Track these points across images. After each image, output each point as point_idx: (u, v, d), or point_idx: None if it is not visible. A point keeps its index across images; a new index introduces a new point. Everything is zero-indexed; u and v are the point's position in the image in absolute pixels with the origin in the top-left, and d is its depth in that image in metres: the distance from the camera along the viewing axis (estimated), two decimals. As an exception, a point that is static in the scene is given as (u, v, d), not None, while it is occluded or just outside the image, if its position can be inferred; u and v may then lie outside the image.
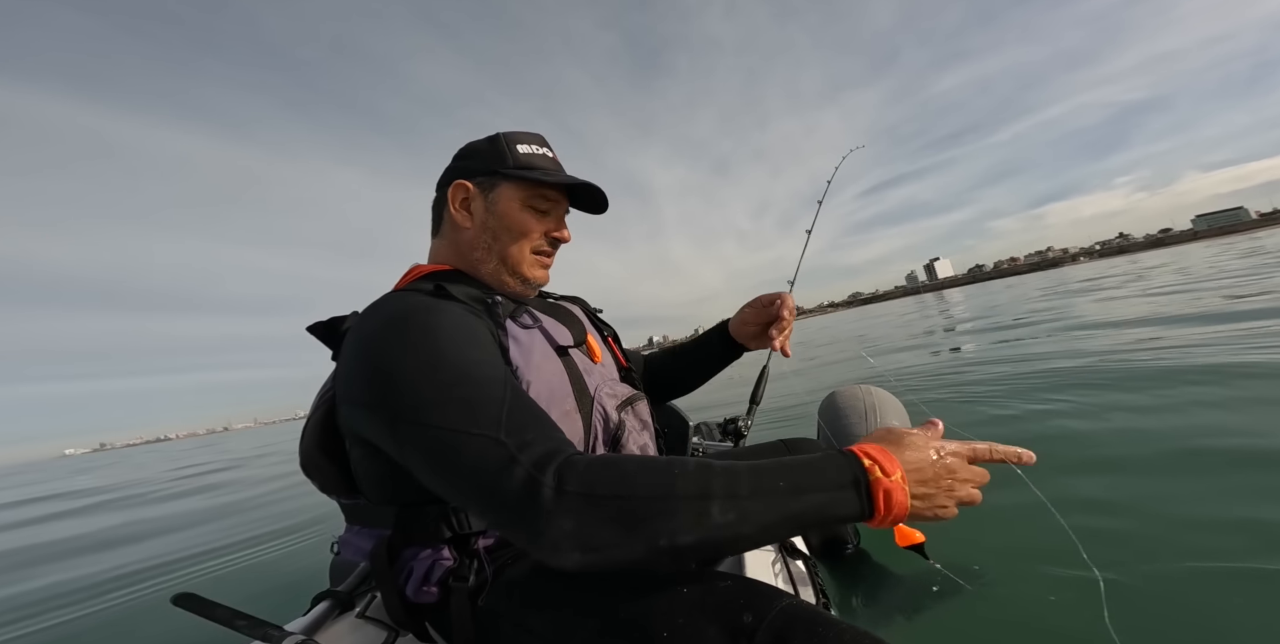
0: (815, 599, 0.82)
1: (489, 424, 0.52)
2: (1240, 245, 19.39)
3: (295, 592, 1.97)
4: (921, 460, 0.52)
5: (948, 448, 0.54)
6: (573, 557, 0.46)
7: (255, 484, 5.71)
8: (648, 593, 0.55)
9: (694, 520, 0.46)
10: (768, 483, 0.49)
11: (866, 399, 1.44)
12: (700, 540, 0.46)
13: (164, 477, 8.80)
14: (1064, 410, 2.41)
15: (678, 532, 0.46)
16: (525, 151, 0.81)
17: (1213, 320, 3.99)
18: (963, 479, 0.53)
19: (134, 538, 3.63)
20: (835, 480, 0.50)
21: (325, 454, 0.72)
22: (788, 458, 0.52)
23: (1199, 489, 1.45)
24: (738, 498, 0.48)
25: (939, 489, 0.52)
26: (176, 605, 0.69)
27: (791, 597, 0.51)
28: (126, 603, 2.20)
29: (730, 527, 0.47)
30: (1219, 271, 8.58)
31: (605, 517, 0.46)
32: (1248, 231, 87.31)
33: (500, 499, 0.49)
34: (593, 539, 0.46)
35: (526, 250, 0.81)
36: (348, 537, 0.77)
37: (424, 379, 0.55)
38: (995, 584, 1.18)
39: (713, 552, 0.49)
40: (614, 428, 0.75)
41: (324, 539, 2.57)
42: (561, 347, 0.75)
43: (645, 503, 0.47)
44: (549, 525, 0.46)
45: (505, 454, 0.50)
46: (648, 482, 0.48)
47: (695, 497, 0.47)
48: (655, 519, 0.46)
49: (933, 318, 11.96)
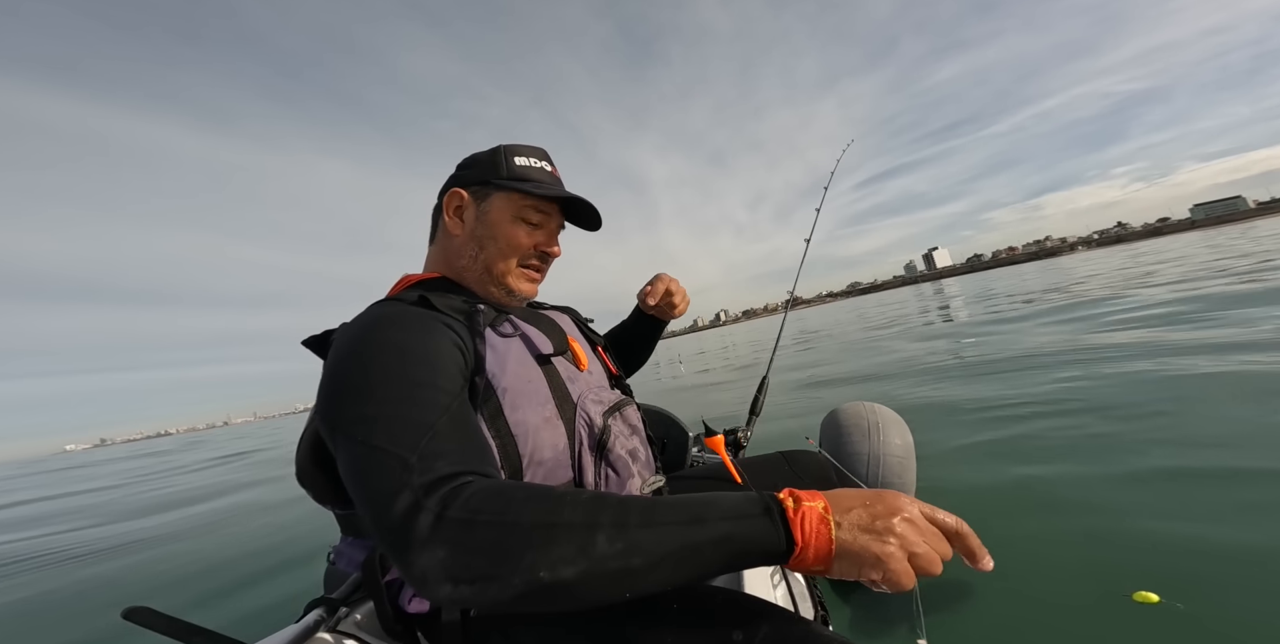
0: (814, 613, 0.81)
1: (407, 445, 0.50)
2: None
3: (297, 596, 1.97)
4: (849, 493, 0.47)
5: (891, 496, 0.47)
6: (443, 589, 0.42)
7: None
8: (638, 610, 0.54)
9: (577, 550, 0.42)
10: (663, 513, 0.45)
11: (870, 417, 1.43)
12: (585, 574, 0.42)
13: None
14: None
15: (559, 563, 0.42)
16: (521, 164, 0.82)
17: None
18: (908, 526, 0.45)
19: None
20: (742, 508, 0.45)
21: (317, 465, 0.71)
22: (705, 493, 0.48)
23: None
24: (626, 527, 0.43)
25: (875, 527, 0.44)
26: (127, 620, 0.65)
27: (785, 613, 0.50)
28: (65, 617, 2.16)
29: (618, 558, 0.42)
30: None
31: (480, 545, 0.42)
32: (1245, 220, 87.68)
33: (385, 521, 0.46)
34: (466, 570, 0.42)
35: (513, 262, 0.81)
36: (342, 547, 0.78)
37: (365, 394, 0.55)
38: (992, 600, 1.18)
39: (603, 589, 0.43)
40: (599, 433, 0.75)
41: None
42: (543, 354, 0.76)
43: (524, 531, 0.43)
44: (421, 553, 0.43)
45: (405, 475, 0.47)
46: (532, 509, 0.45)
47: (580, 525, 0.43)
48: (533, 549, 0.42)
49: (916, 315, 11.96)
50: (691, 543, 0.43)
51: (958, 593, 1.20)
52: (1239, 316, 3.84)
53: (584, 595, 0.43)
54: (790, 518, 0.44)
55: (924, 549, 0.44)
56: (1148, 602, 1.06)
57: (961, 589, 1.21)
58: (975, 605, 1.16)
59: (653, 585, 0.44)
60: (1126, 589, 1.10)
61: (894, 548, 0.43)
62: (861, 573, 0.44)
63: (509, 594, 0.42)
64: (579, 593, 0.42)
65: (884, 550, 0.43)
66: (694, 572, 0.44)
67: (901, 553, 0.43)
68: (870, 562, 0.43)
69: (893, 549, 0.43)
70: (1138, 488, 1.59)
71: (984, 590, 1.20)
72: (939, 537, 0.46)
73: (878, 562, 0.43)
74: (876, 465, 1.36)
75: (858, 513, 0.45)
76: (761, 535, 0.44)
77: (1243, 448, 1.69)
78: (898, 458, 1.38)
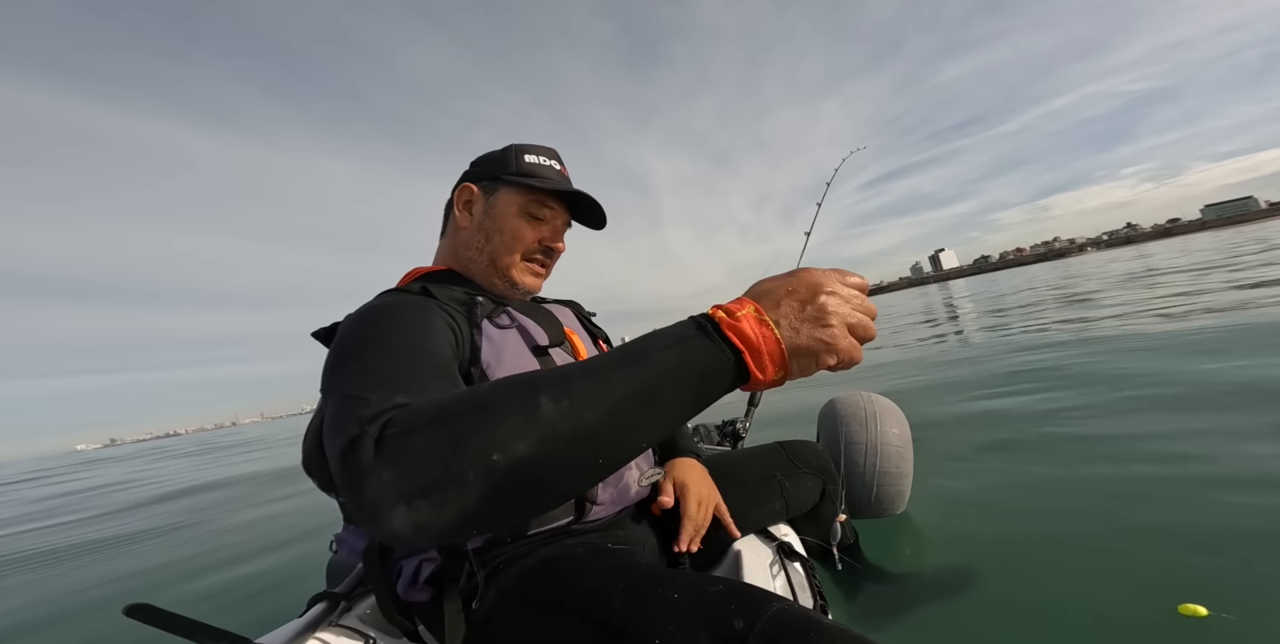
0: (813, 602, 0.82)
1: (373, 388, 0.47)
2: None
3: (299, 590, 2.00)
4: (770, 286, 0.45)
5: (802, 269, 0.46)
6: (397, 512, 0.36)
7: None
8: (639, 599, 0.55)
9: (523, 421, 0.38)
10: (600, 360, 0.42)
11: (868, 407, 1.45)
12: (540, 444, 0.37)
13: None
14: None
15: (508, 439, 0.37)
16: (530, 161, 0.84)
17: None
18: (835, 300, 0.43)
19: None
20: (676, 334, 0.42)
21: (323, 453, 0.73)
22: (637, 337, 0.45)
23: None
24: (567, 383, 0.40)
25: (808, 314, 0.42)
26: (129, 617, 0.65)
27: (785, 601, 0.51)
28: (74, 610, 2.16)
29: (569, 416, 0.38)
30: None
31: (421, 450, 0.38)
32: (1257, 221, 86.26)
33: (336, 463, 0.42)
34: (414, 480, 0.37)
35: (517, 255, 0.83)
36: (345, 535, 0.80)
37: (350, 357, 0.56)
38: (994, 585, 1.19)
39: (569, 458, 0.39)
40: None
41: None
42: (539, 346, 0.77)
43: (462, 419, 0.39)
44: (368, 481, 0.38)
45: (360, 410, 0.43)
46: (466, 398, 0.41)
47: (518, 394, 0.40)
48: (477, 432, 0.38)
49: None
50: (641, 383, 0.40)
51: (978, 609, 1.12)
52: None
53: (552, 472, 0.38)
54: (726, 330, 0.41)
55: (856, 317, 0.44)
56: (1195, 615, 0.96)
57: (984, 603, 1.13)
58: (999, 621, 1.06)
59: (622, 442, 0.40)
60: (1171, 602, 0.99)
61: (836, 327, 0.42)
62: (818, 363, 0.43)
63: (472, 496, 0.37)
64: (545, 469, 0.38)
65: (829, 334, 0.42)
66: (660, 417, 0.41)
67: (843, 328, 0.43)
68: (822, 349, 0.42)
69: (835, 329, 0.42)
70: (1178, 486, 1.47)
71: (1008, 604, 1.10)
72: (861, 297, 0.45)
73: (827, 347, 0.42)
74: (874, 455, 1.38)
75: (788, 304, 0.43)
76: (706, 358, 0.41)
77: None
78: (895, 447, 1.40)
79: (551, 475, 0.39)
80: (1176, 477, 1.54)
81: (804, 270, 0.45)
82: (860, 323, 0.44)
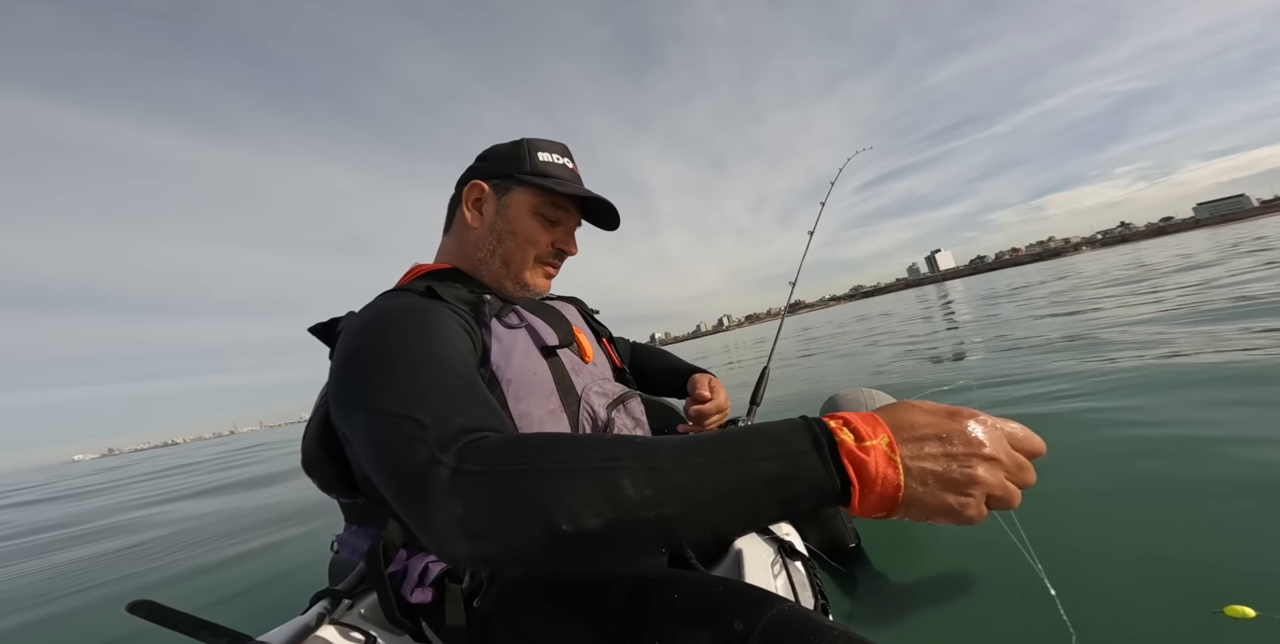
0: (814, 602, 0.82)
1: (424, 409, 0.48)
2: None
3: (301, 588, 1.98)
4: (918, 420, 0.40)
5: (967, 413, 0.40)
6: (461, 546, 0.39)
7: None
8: (640, 600, 0.54)
9: (600, 497, 0.37)
10: (697, 452, 0.40)
11: (868, 402, 1.45)
12: (612, 524, 0.37)
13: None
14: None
15: (582, 512, 0.37)
16: (545, 159, 0.81)
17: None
18: (992, 468, 0.38)
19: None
20: (785, 440, 0.39)
21: (325, 452, 0.72)
22: (734, 428, 0.43)
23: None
24: (656, 470, 0.38)
25: (952, 474, 0.37)
26: (132, 613, 0.65)
27: (785, 602, 0.50)
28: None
29: (649, 505, 0.37)
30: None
31: (498, 497, 0.39)
32: (1250, 219, 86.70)
33: (399, 480, 0.44)
34: (483, 524, 0.38)
35: (530, 257, 0.82)
36: (346, 536, 0.79)
37: (377, 368, 0.55)
38: (996, 585, 1.17)
39: (634, 541, 0.38)
40: (602, 426, 0.75)
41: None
42: (548, 346, 0.76)
43: (541, 477, 0.39)
44: (438, 509, 0.40)
45: (419, 433, 0.45)
46: (551, 455, 0.41)
47: (601, 468, 0.39)
48: (552, 496, 0.38)
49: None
50: (732, 487, 0.38)
51: (980, 609, 1.10)
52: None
53: (613, 547, 0.39)
54: (844, 457, 0.38)
55: (1005, 491, 0.38)
56: (1243, 617, 0.90)
57: (985, 604, 1.11)
58: (1001, 621, 1.04)
59: (692, 535, 0.39)
60: (1217, 603, 0.94)
61: (974, 498, 0.37)
62: (929, 519, 0.39)
63: (532, 549, 0.38)
64: (608, 544, 0.38)
65: (960, 502, 0.37)
66: (740, 520, 0.39)
67: (980, 499, 0.38)
68: (942, 511, 0.38)
69: (971, 500, 0.37)
70: (1192, 481, 1.42)
71: (1011, 605, 1.07)
72: (1024, 468, 0.39)
73: (951, 512, 0.38)
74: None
75: (931, 450, 0.38)
76: (809, 477, 0.38)
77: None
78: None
79: (611, 549, 0.39)
80: (1184, 474, 1.52)
81: (970, 415, 0.40)
82: (1006, 497, 0.38)
